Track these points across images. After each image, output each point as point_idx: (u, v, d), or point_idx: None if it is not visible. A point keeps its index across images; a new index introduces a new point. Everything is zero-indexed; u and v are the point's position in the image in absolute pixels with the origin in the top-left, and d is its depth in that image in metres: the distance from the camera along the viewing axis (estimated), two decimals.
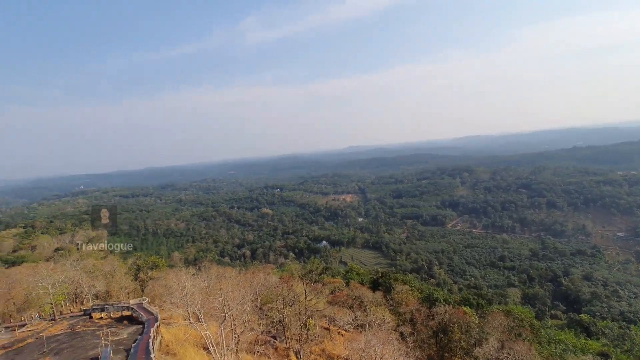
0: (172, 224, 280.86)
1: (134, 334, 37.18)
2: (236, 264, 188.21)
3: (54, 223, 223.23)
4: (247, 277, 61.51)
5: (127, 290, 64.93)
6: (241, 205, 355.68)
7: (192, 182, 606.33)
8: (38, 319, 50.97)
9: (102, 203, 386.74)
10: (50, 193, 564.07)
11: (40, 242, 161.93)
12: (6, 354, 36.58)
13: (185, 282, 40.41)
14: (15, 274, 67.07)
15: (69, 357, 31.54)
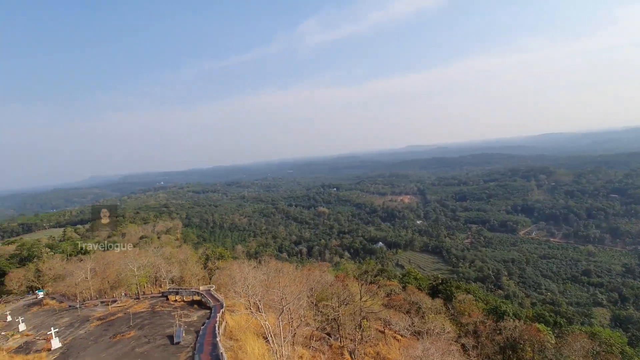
0: (236, 219, 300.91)
1: (202, 317, 40.81)
2: (293, 259, 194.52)
3: (139, 214, 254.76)
4: (304, 274, 63.27)
5: (197, 277, 71.45)
6: (299, 204, 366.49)
7: (254, 180, 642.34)
8: (125, 297, 58.94)
9: (179, 197, 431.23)
10: (137, 188, 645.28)
11: (128, 230, 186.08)
12: (101, 325, 42.95)
13: (247, 273, 43.06)
14: (109, 257, 78.10)
15: (149, 332, 35.83)
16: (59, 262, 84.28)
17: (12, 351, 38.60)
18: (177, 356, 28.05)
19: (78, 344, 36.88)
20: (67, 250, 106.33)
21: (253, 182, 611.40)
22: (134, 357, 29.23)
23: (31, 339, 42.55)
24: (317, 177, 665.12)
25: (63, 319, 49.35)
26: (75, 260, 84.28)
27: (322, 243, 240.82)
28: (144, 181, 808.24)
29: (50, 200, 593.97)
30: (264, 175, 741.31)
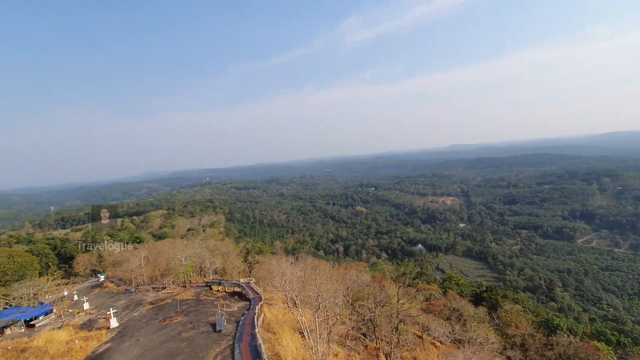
0: (275, 216, 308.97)
1: (242, 308, 42.54)
2: (330, 258, 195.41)
3: (187, 207, 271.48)
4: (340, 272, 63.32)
5: (238, 270, 74.49)
6: (336, 202, 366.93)
7: (293, 177, 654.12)
8: (173, 285, 63.17)
9: (222, 193, 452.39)
10: (185, 183, 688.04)
11: (177, 222, 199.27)
12: (153, 309, 46.42)
13: (284, 269, 44.11)
14: (161, 246, 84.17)
15: (194, 319, 38.12)
16: (117, 249, 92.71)
17: (78, 327, 43.18)
18: (219, 343, 29.53)
19: (132, 324, 40.32)
20: (124, 238, 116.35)
21: (292, 179, 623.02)
22: (181, 340, 31.28)
23: (93, 317, 47.30)
24: (355, 176, 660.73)
25: (120, 301, 54.21)
26: (131, 248, 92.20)
27: (359, 242, 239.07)
28: (192, 177, 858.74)
29: (110, 192, 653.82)
30: (303, 173, 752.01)
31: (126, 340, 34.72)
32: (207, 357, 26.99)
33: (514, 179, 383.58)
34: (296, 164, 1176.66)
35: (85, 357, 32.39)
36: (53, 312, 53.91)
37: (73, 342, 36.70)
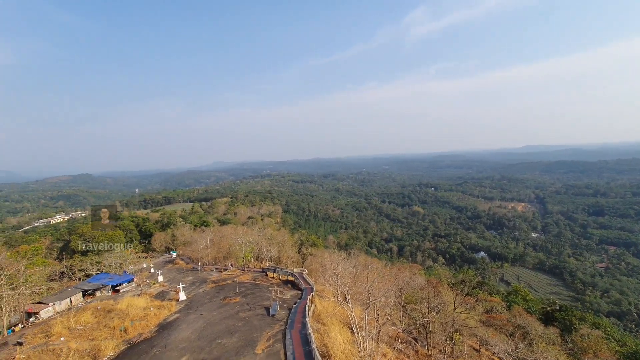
0: (329, 210, 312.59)
1: (294, 297, 44.07)
2: (382, 256, 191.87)
3: (248, 197, 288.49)
4: (393, 272, 61.83)
5: (292, 260, 77.19)
6: (392, 201, 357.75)
7: (349, 173, 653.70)
8: (233, 267, 67.83)
9: (280, 185, 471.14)
10: (248, 174, 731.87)
11: (239, 210, 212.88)
12: (215, 287, 50.41)
13: (337, 263, 44.52)
14: (224, 231, 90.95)
15: (251, 301, 40.57)
16: (187, 230, 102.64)
17: (153, 296, 48.87)
18: (272, 327, 31.04)
19: (197, 299, 44.40)
20: (194, 221, 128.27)
21: (348, 175, 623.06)
22: (238, 319, 33.59)
23: (165, 289, 53.12)
24: (413, 174, 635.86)
25: (188, 278, 60.01)
26: (199, 230, 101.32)
27: (415, 244, 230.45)
28: (254, 168, 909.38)
29: (184, 179, 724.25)
30: (359, 170, 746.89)
31: (192, 313, 38.40)
32: (261, 338, 28.57)
33: (604, 187, 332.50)
34: (353, 160, 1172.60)
35: (157, 323, 36.63)
36: (134, 281, 61.86)
37: (149, 309, 41.74)
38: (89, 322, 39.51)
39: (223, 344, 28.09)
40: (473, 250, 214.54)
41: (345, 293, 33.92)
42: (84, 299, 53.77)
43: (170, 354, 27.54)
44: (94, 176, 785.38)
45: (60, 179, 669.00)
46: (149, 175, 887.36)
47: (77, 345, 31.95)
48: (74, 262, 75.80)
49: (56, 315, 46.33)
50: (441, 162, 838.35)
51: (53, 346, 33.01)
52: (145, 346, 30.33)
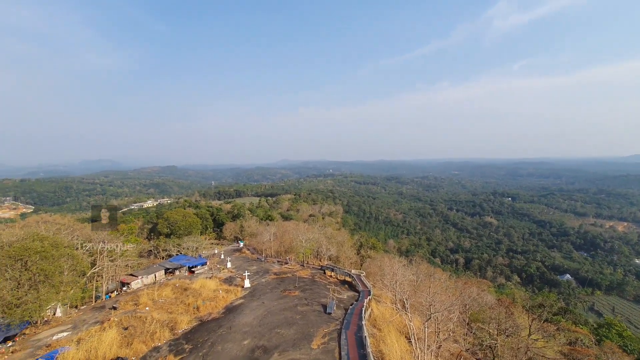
0: (391, 214, 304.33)
1: (351, 298, 43.96)
2: (447, 267, 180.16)
3: (310, 195, 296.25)
4: (458, 286, 57.72)
5: (350, 261, 77.06)
6: (461, 209, 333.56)
7: (414, 177, 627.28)
8: (293, 262, 70.28)
9: (342, 185, 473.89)
10: (311, 172, 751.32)
11: (302, 207, 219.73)
12: (276, 279, 52.82)
13: (396, 269, 43.16)
14: (287, 226, 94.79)
15: (309, 296, 41.62)
16: (254, 223, 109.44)
17: (222, 280, 53.19)
18: (328, 325, 31.44)
19: (260, 288, 47.11)
20: (260, 215, 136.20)
21: (413, 179, 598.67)
22: (296, 313, 34.76)
23: (233, 275, 57.43)
24: (487, 182, 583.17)
25: (252, 267, 64.04)
26: (264, 224, 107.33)
27: (485, 257, 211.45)
28: (318, 167, 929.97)
29: (253, 174, 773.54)
30: (425, 174, 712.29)
31: (255, 300, 40.91)
32: (317, 334, 29.14)
33: None
34: (419, 163, 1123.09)
35: (225, 306, 39.82)
36: (206, 264, 68.13)
37: (218, 291, 45.59)
38: (169, 297, 44.69)
39: (281, 333, 29.34)
40: (556, 272, 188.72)
41: (404, 301, 32.74)
42: (165, 276, 61.05)
43: (234, 335, 29.72)
44: (178, 168, 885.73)
45: (152, 169, 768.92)
46: (223, 170, 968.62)
47: (159, 316, 36.39)
48: (159, 243, 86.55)
49: (143, 287, 53.40)
50: (522, 169, 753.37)
51: (140, 314, 38.14)
52: (213, 325, 33.23)
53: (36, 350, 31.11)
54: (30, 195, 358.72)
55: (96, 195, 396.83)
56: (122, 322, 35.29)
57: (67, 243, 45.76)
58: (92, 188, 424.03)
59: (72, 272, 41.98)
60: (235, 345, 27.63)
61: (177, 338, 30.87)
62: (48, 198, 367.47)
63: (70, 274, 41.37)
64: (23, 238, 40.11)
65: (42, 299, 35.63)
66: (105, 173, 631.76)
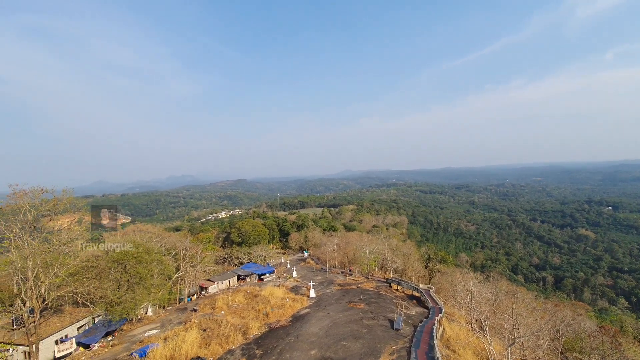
0: (462, 225, 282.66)
1: (420, 315, 41.49)
2: (531, 286, 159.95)
3: (373, 206, 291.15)
4: (547, 308, 50.75)
5: (418, 274, 73.13)
6: (547, 219, 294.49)
7: (488, 185, 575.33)
8: (357, 273, 69.22)
9: (407, 195, 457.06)
10: (373, 182, 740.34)
11: (364, 218, 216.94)
12: (341, 290, 52.52)
13: (471, 286, 39.63)
14: (350, 237, 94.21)
15: (374, 310, 40.44)
16: (318, 233, 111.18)
17: (288, 289, 54.74)
18: (396, 341, 30.03)
19: (325, 299, 47.31)
20: (323, 225, 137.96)
21: (486, 187, 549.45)
22: (362, 326, 33.99)
23: (298, 284, 58.75)
24: (578, 189, 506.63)
25: (317, 277, 64.78)
26: (327, 234, 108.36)
27: (580, 276, 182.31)
28: (380, 177, 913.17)
29: (316, 186, 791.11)
30: (501, 181, 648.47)
31: (320, 310, 41.16)
32: (384, 350, 28.01)
33: None
34: (492, 169, 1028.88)
35: (292, 314, 40.80)
36: (274, 272, 70.94)
37: (285, 299, 46.98)
38: (241, 302, 47.44)
39: (347, 347, 28.89)
40: None
41: (482, 321, 29.80)
42: (237, 282, 65.12)
43: (301, 344, 30.17)
44: (247, 181, 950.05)
45: (225, 183, 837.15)
46: (287, 182, 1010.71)
47: (233, 320, 38.78)
48: (232, 251, 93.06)
49: (219, 292, 57.64)
50: (624, 173, 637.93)
51: (216, 317, 41.11)
52: (281, 332, 34.22)
53: (131, 345, 35.49)
54: (128, 207, 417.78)
55: (180, 207, 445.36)
56: (201, 324, 38.44)
57: (157, 249, 51.90)
58: (177, 201, 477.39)
59: (161, 275, 47.33)
60: (302, 355, 27.99)
61: (248, 343, 32.47)
62: (142, 210, 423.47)
63: (160, 277, 46.66)
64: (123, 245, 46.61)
65: (137, 298, 40.75)
66: (187, 187, 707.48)
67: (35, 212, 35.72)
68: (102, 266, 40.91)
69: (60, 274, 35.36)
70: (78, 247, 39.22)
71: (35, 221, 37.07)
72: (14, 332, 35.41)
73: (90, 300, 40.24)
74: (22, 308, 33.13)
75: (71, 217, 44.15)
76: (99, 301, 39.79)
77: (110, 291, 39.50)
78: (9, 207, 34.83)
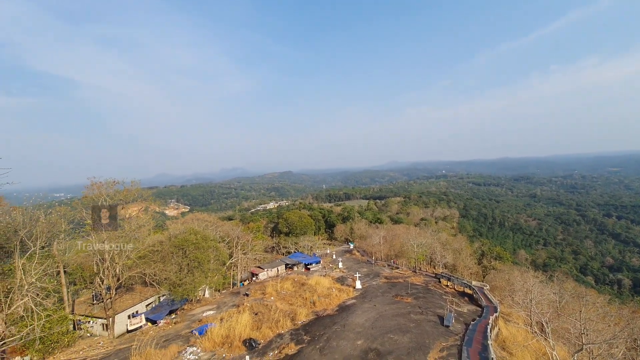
0: (521, 219, 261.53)
1: (472, 313, 39.52)
2: (604, 289, 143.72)
3: (421, 198, 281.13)
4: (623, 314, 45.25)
5: (470, 271, 69.56)
6: (624, 215, 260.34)
7: (552, 176, 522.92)
8: (404, 267, 67.73)
9: (458, 187, 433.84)
10: (421, 174, 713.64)
11: (412, 210, 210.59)
12: (387, 283, 51.93)
13: (531, 285, 36.71)
14: (396, 230, 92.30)
15: (423, 305, 39.39)
16: (363, 225, 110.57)
17: (334, 279, 55.47)
18: (446, 338, 29.05)
19: (371, 291, 47.17)
20: (369, 217, 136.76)
21: (550, 178, 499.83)
22: (409, 321, 33.37)
23: (344, 275, 59.23)
24: None
25: (363, 269, 64.69)
26: (373, 226, 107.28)
27: None
28: (428, 168, 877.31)
29: (362, 177, 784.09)
30: (568, 172, 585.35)
31: (366, 302, 41.18)
32: (434, 346, 27.27)
33: None
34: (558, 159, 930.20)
35: (338, 304, 41.38)
36: (320, 263, 72.25)
37: (331, 289, 47.74)
38: (289, 290, 49.20)
39: (395, 339, 28.62)
40: None
41: (544, 324, 27.59)
42: (285, 271, 67.53)
43: (347, 334, 30.56)
44: (293, 173, 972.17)
45: (273, 175, 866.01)
46: (333, 173, 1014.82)
47: (282, 306, 40.45)
48: (280, 240, 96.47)
49: (268, 278, 60.31)
50: None
51: (266, 302, 43.15)
52: (328, 321, 34.95)
53: (191, 323, 38.79)
54: (186, 198, 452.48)
55: (232, 198, 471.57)
56: (253, 308, 40.68)
57: (213, 237, 55.70)
58: (228, 192, 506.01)
59: (217, 261, 50.82)
60: (349, 344, 28.35)
61: (297, 328, 33.69)
62: (198, 200, 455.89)
63: (215, 262, 50.14)
64: (183, 232, 50.73)
65: (196, 281, 44.30)
66: (237, 179, 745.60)
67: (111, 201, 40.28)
68: (166, 251, 45.04)
69: (132, 257, 39.67)
70: (145, 232, 43.56)
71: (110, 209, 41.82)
72: (94, 307, 40.64)
73: (156, 281, 44.68)
74: (101, 285, 37.82)
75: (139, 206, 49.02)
76: (164, 282, 44.02)
77: (172, 273, 43.44)
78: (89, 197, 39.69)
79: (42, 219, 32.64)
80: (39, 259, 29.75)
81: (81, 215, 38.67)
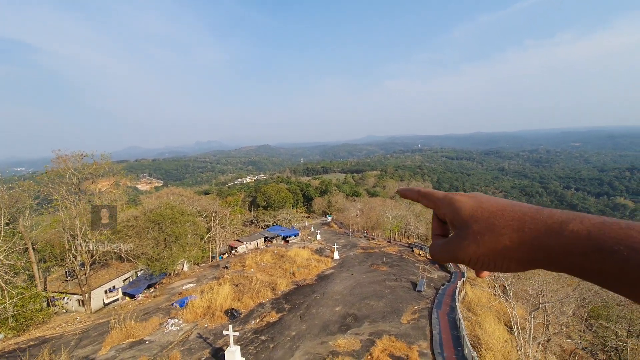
0: (489, 192, 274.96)
1: (442, 278, 42.27)
2: None
3: (397, 172, 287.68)
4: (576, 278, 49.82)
5: None
6: (582, 187, 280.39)
7: (520, 150, 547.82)
8: (380, 238, 70.44)
9: (432, 161, 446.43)
10: (398, 148, 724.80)
11: (388, 183, 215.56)
12: (364, 253, 54.01)
13: None
14: (373, 202, 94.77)
15: (397, 272, 41.57)
16: (341, 198, 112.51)
17: (313, 251, 56.90)
18: (418, 302, 31.11)
19: (348, 261, 48.98)
20: (346, 191, 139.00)
21: (517, 153, 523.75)
22: (384, 287, 35.28)
23: (322, 247, 60.84)
24: (622, 155, 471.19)
25: (340, 240, 66.62)
26: (350, 199, 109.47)
27: None
28: (405, 142, 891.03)
29: (339, 151, 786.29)
30: (534, 146, 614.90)
31: (344, 271, 42.86)
32: (407, 310, 29.18)
33: None
34: (526, 134, 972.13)
35: (317, 274, 42.79)
36: (299, 235, 73.55)
37: (310, 260, 49.08)
38: (269, 262, 50.10)
39: (371, 305, 30.30)
40: None
41: (506, 287, 30.03)
42: (264, 243, 68.32)
43: (327, 301, 31.96)
44: (271, 146, 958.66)
45: (249, 148, 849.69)
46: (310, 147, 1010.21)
47: (262, 277, 41.30)
48: (258, 214, 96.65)
49: (247, 251, 60.92)
50: None
51: (247, 274, 43.84)
52: (307, 290, 36.24)
53: (171, 296, 38.97)
54: (159, 172, 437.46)
55: (207, 171, 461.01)
56: (234, 280, 41.30)
57: (189, 211, 54.88)
58: (204, 166, 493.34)
59: (194, 235, 50.45)
60: (328, 310, 29.74)
61: (277, 298, 34.76)
62: (172, 174, 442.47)
63: (193, 236, 49.78)
64: (159, 206, 49.60)
65: (174, 255, 44.03)
66: (213, 153, 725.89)
67: (79, 175, 38.33)
68: (141, 226, 44.07)
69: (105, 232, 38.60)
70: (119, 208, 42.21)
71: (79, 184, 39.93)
72: (68, 283, 39.76)
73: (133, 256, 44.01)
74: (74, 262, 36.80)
75: (110, 181, 47.06)
76: (141, 257, 43.45)
77: (149, 248, 42.86)
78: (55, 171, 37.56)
79: (3, 194, 30.77)
80: (5, 236, 28.35)
81: (47, 191, 36.76)
